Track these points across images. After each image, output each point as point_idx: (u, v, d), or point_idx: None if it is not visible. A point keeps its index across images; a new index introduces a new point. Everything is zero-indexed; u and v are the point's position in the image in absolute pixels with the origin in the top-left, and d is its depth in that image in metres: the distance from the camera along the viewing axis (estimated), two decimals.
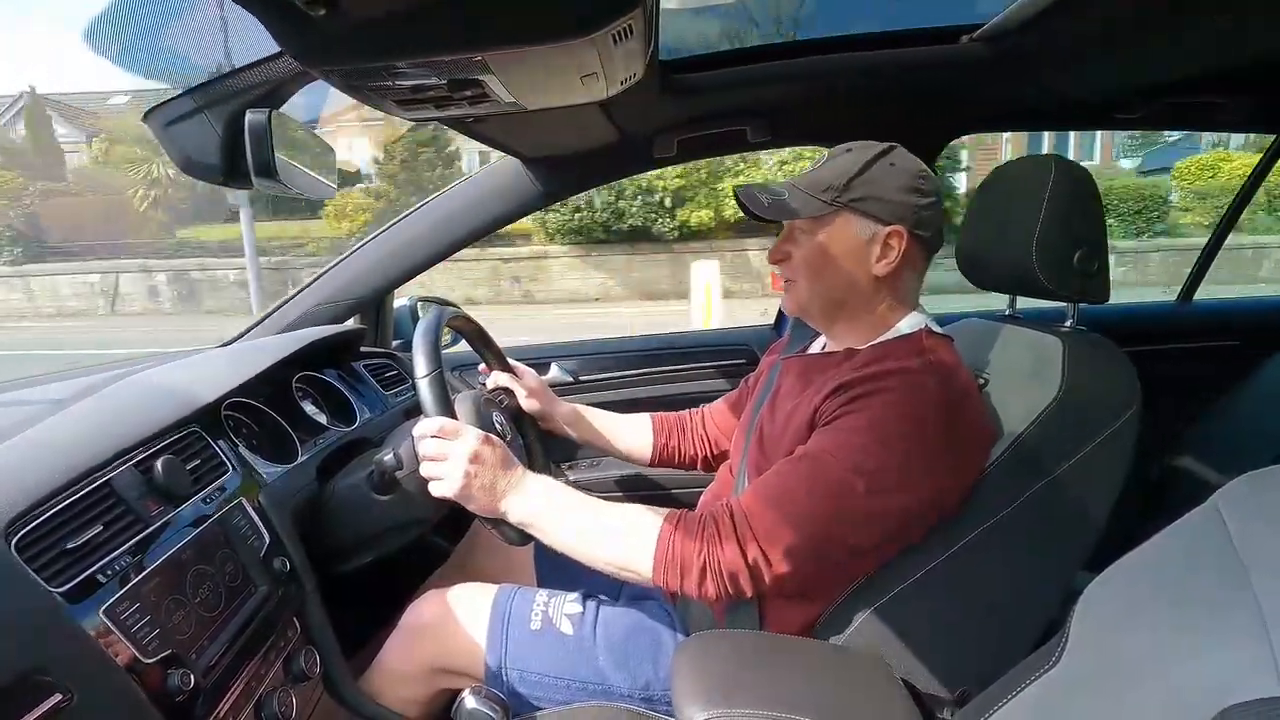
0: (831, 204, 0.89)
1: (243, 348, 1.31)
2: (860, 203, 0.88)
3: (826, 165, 0.92)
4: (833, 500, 0.78)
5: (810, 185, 0.90)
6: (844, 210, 0.89)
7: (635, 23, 0.66)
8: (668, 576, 0.79)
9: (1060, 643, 0.56)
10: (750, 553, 0.78)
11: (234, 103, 0.92)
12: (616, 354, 1.81)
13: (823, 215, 0.89)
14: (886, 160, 0.90)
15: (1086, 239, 0.90)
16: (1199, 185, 11.71)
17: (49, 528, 0.62)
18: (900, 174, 0.89)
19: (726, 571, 0.78)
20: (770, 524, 0.78)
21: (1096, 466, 0.86)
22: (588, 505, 0.87)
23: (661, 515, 0.83)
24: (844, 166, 0.90)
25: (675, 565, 0.79)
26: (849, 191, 0.88)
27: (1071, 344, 0.90)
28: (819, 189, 0.89)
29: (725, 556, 0.78)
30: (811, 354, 1.03)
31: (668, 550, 0.79)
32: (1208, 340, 1.90)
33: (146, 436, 0.78)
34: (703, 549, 0.78)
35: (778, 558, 0.78)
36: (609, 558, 0.83)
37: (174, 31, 0.92)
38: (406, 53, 0.66)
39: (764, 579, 0.78)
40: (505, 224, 1.51)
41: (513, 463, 0.89)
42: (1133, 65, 1.29)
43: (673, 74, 1.25)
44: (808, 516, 0.78)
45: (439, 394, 0.89)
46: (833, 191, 0.89)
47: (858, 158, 0.90)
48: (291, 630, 0.88)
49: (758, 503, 0.80)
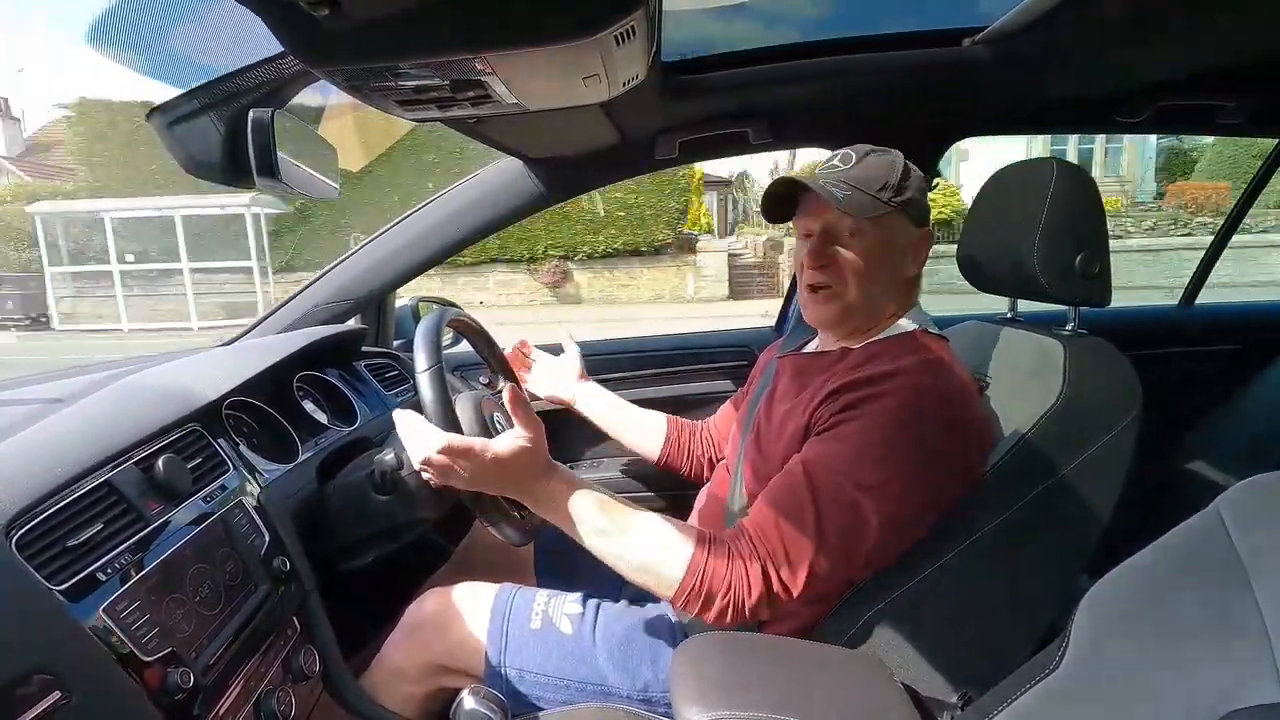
0: (889, 204, 0.88)
1: (244, 347, 1.31)
2: (908, 205, 0.89)
3: (866, 165, 0.90)
4: (841, 515, 0.79)
5: (867, 184, 0.88)
6: (896, 211, 0.89)
7: (638, 24, 0.66)
8: (688, 605, 0.79)
9: (1061, 646, 0.56)
10: (774, 587, 0.78)
11: (237, 102, 0.92)
12: (616, 355, 1.81)
13: (881, 216, 0.89)
14: (906, 163, 0.92)
15: (1088, 242, 0.90)
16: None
17: (50, 525, 0.62)
18: (919, 178, 0.91)
19: (749, 610, 0.78)
20: (792, 556, 0.78)
21: (1097, 470, 0.86)
22: (615, 521, 0.82)
23: (691, 546, 0.79)
24: (887, 167, 0.90)
25: (698, 598, 0.79)
26: (902, 192, 0.89)
27: (1073, 347, 0.90)
28: (876, 188, 0.88)
29: (750, 598, 0.78)
30: (807, 353, 1.03)
31: (695, 584, 0.78)
32: (1209, 344, 1.90)
33: (148, 435, 0.78)
34: (729, 590, 0.78)
35: (796, 584, 0.78)
36: (632, 576, 0.82)
37: (178, 31, 0.92)
38: (409, 53, 0.66)
39: (781, 605, 0.80)
40: (506, 224, 1.51)
41: (540, 466, 0.82)
42: (1134, 68, 1.29)
43: (675, 75, 1.25)
44: (821, 536, 0.78)
45: (439, 389, 0.89)
46: (889, 191, 0.88)
47: (893, 160, 0.91)
48: (291, 629, 0.88)
49: (775, 535, 0.80)
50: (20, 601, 0.57)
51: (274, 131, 0.90)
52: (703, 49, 1.32)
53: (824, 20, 1.38)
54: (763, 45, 1.33)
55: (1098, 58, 1.21)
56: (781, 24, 1.36)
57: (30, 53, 46.36)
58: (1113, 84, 1.37)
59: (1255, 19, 1.06)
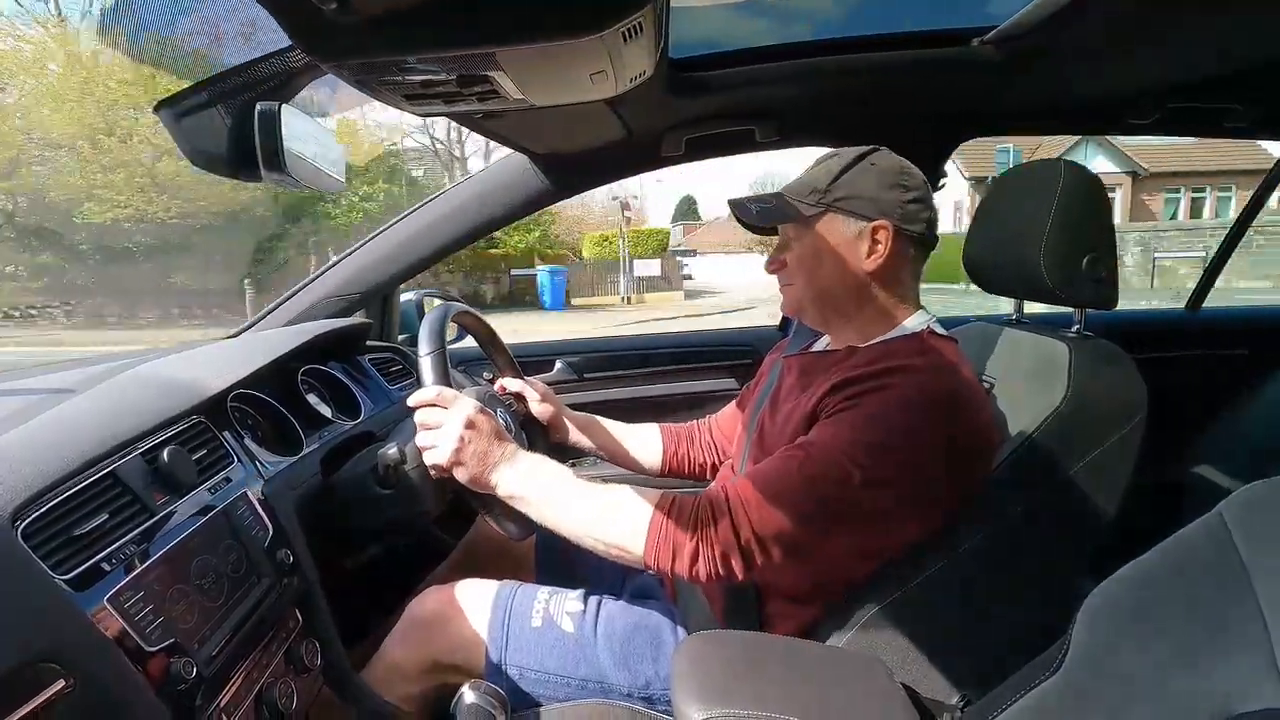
0: (816, 205, 0.91)
1: (249, 340, 1.32)
2: (844, 201, 0.90)
3: (811, 171, 0.95)
4: (828, 487, 0.78)
5: (796, 191, 0.93)
6: (829, 210, 0.91)
7: (645, 20, 0.66)
8: (659, 556, 0.79)
9: (1062, 649, 0.56)
10: (743, 534, 0.78)
11: (244, 95, 0.92)
12: (621, 352, 1.81)
13: (811, 217, 0.92)
14: (866, 161, 0.92)
15: (1096, 244, 0.89)
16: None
17: (55, 515, 0.62)
18: (881, 173, 0.91)
19: (719, 552, 0.78)
20: (764, 508, 0.78)
21: (1101, 473, 0.86)
22: (580, 483, 0.87)
23: (655, 495, 0.83)
24: (826, 170, 0.93)
25: (668, 544, 0.79)
26: (832, 192, 0.91)
27: (1078, 349, 0.90)
28: (804, 193, 0.92)
29: (718, 537, 0.78)
30: (813, 352, 1.03)
31: (661, 529, 0.79)
32: (1216, 348, 1.89)
33: (153, 426, 0.79)
34: (696, 529, 0.78)
35: (770, 540, 0.78)
36: (600, 535, 0.83)
37: (187, 24, 0.92)
38: (417, 48, 0.66)
39: (756, 561, 0.78)
40: (512, 220, 1.52)
41: (506, 435, 0.89)
42: (1144, 69, 1.28)
43: (682, 72, 1.25)
44: (803, 501, 0.78)
45: (439, 370, 0.90)
46: (817, 194, 0.91)
47: (839, 161, 0.93)
48: (293, 621, 0.88)
49: (752, 486, 0.80)
50: (26, 590, 0.57)
51: (280, 125, 0.91)
52: (711, 46, 1.31)
53: (832, 19, 1.37)
54: (770, 43, 1.33)
55: (1107, 58, 1.20)
56: (791, 22, 1.36)
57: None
58: (1121, 86, 1.36)
59: (1262, 23, 1.06)
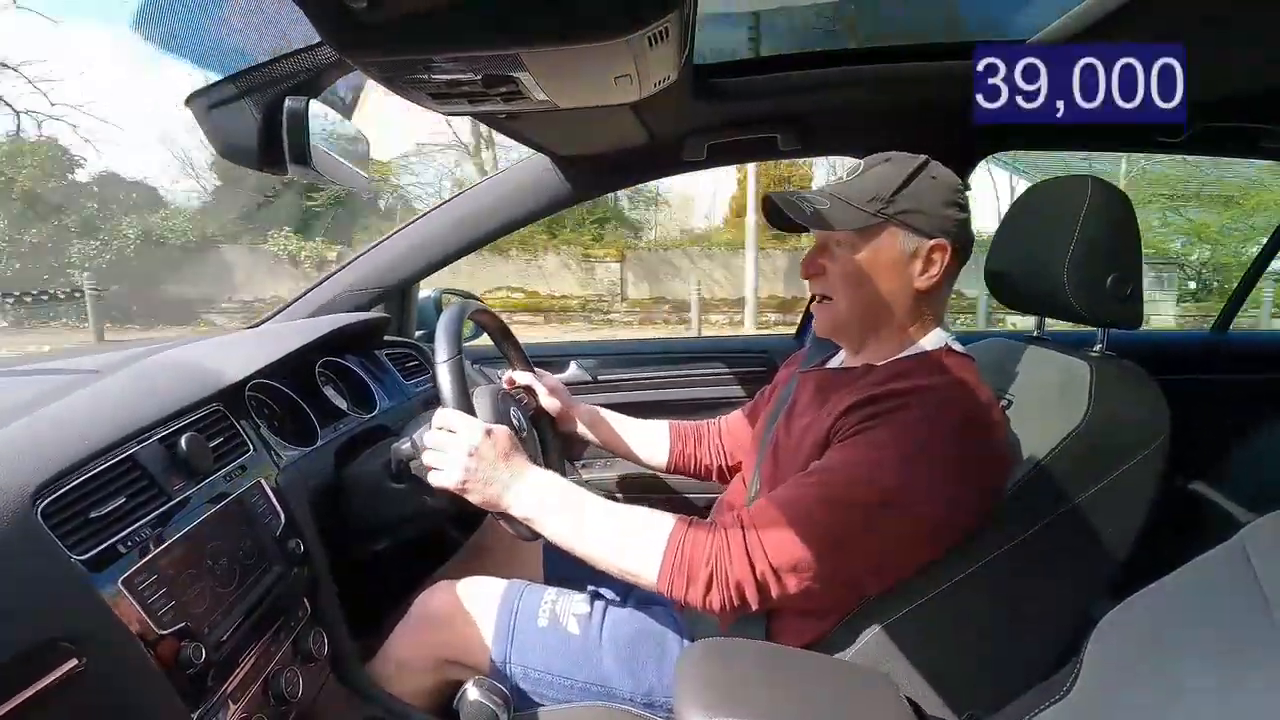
0: (877, 215, 0.86)
1: (269, 330, 1.34)
2: (907, 215, 0.86)
3: (866, 175, 0.89)
4: (845, 515, 0.77)
5: (854, 196, 0.87)
6: (890, 223, 0.86)
7: (672, 25, 0.66)
8: (673, 584, 0.78)
9: (1074, 671, 0.55)
10: (759, 567, 0.77)
11: (274, 90, 0.93)
12: (635, 355, 1.81)
13: (868, 228, 0.87)
14: (928, 173, 0.88)
15: (1121, 263, 0.88)
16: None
17: (74, 497, 0.64)
18: (941, 187, 0.87)
19: (734, 584, 0.77)
20: (781, 539, 0.77)
21: (1120, 495, 0.84)
22: (595, 504, 0.86)
23: (671, 521, 0.82)
24: (887, 177, 0.87)
25: (682, 573, 0.78)
26: (896, 203, 0.85)
27: (1100, 369, 0.88)
28: (863, 200, 0.86)
29: (734, 569, 0.77)
30: (830, 368, 1.02)
31: (676, 557, 0.78)
32: (1241, 373, 1.85)
33: (172, 412, 0.80)
34: (711, 559, 0.77)
35: (787, 573, 0.77)
36: (615, 561, 0.82)
37: (219, 18, 0.94)
38: (444, 47, 0.67)
39: (771, 594, 0.78)
40: (532, 220, 1.52)
41: (515, 456, 0.88)
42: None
43: (706, 78, 1.25)
44: (819, 532, 0.77)
45: (457, 380, 0.90)
46: (879, 203, 0.86)
47: (899, 169, 0.87)
48: (302, 610, 0.89)
49: (769, 516, 0.79)
50: (44, 569, 0.58)
51: (309, 120, 0.92)
52: (735, 53, 1.31)
53: (861, 28, 1.36)
54: (795, 50, 1.32)
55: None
56: (814, 31, 1.35)
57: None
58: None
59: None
